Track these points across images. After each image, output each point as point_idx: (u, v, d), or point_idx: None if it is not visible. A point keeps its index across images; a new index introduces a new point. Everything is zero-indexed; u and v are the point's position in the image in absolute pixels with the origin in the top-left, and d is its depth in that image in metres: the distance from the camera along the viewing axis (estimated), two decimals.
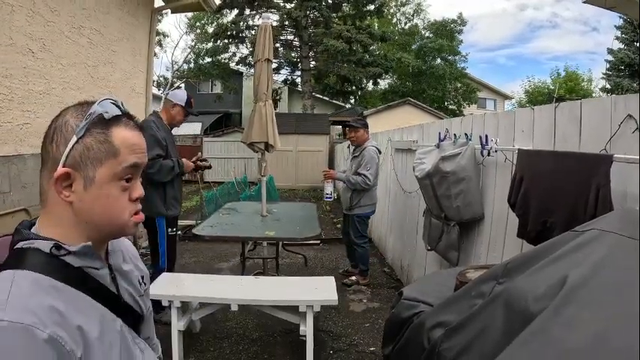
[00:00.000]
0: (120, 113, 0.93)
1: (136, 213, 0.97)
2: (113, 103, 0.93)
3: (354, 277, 5.62)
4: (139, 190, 0.96)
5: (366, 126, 5.53)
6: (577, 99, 2.55)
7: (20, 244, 0.89)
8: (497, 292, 1.32)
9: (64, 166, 0.88)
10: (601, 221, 1.37)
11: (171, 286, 3.66)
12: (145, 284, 1.15)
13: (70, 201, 0.90)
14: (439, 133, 4.00)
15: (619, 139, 1.95)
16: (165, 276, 3.92)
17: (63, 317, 0.79)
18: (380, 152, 5.52)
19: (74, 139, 0.88)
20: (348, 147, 9.93)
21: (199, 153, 4.76)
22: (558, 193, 2.12)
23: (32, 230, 0.93)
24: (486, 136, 3.10)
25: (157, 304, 4.19)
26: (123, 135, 0.92)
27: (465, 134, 3.46)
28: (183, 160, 4.26)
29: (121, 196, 0.93)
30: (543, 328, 1.05)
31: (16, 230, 0.93)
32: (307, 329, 3.43)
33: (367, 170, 5.23)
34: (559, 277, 1.14)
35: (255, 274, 5.07)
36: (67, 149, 0.88)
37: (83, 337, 0.81)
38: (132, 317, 1.02)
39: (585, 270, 1.12)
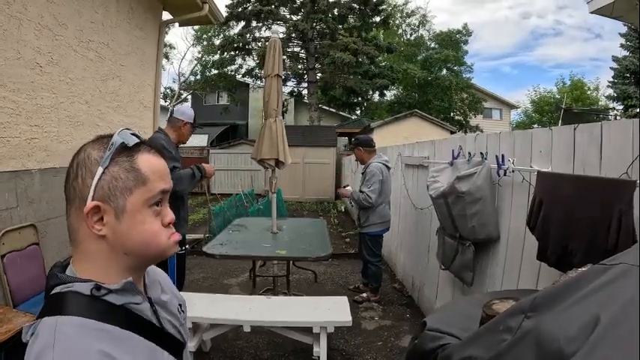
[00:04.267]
0: (139, 141, 0.93)
1: (174, 235, 0.96)
2: (132, 134, 0.92)
3: (365, 294, 5.56)
4: (169, 215, 0.95)
5: (359, 144, 5.54)
6: (584, 109, 2.51)
7: (57, 289, 0.86)
8: (527, 328, 1.28)
9: (93, 200, 0.86)
10: (629, 254, 1.34)
11: None
12: (183, 312, 1.15)
13: (103, 235, 0.88)
14: (452, 151, 3.97)
15: None
16: None
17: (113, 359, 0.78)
18: (389, 168, 5.44)
19: (100, 170, 0.87)
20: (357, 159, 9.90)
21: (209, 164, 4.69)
22: (579, 219, 2.08)
23: (67, 272, 0.90)
24: (503, 155, 3.07)
25: None
26: (149, 162, 0.92)
27: (481, 153, 3.42)
28: (204, 164, 4.20)
29: (155, 221, 0.91)
30: None
31: (51, 275, 0.90)
32: (321, 350, 3.41)
33: (368, 188, 5.19)
34: (590, 317, 1.10)
35: (265, 292, 5.05)
36: (95, 181, 0.87)
37: None
38: (175, 346, 1.01)
39: (617, 309, 1.09)
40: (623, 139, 2.05)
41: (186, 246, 4.45)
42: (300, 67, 23.99)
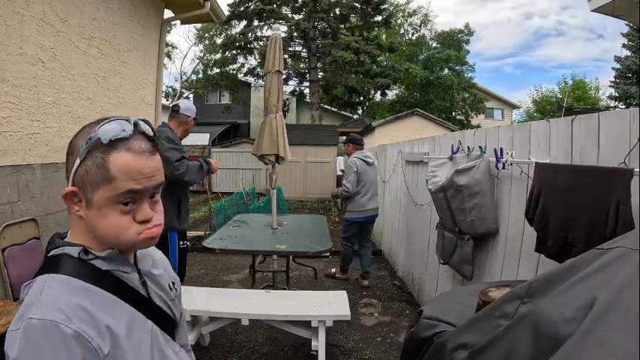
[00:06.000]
0: (127, 135, 0.93)
1: (147, 230, 0.96)
2: (127, 122, 0.94)
3: (333, 270, 6.42)
4: (143, 213, 0.95)
5: (349, 141, 6.27)
6: (586, 108, 2.52)
7: (53, 252, 0.97)
8: (523, 313, 1.28)
9: (72, 185, 0.94)
10: (626, 238, 1.33)
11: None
12: (175, 290, 1.19)
13: (80, 215, 0.95)
14: (452, 146, 3.97)
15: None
16: None
17: (90, 315, 0.85)
18: (368, 163, 6.00)
19: (77, 161, 0.92)
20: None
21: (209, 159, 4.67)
22: (578, 208, 2.08)
23: (66, 238, 1.00)
24: (501, 149, 3.07)
25: None
26: (123, 160, 0.91)
27: (480, 147, 3.42)
28: (209, 159, 4.23)
29: (120, 217, 0.93)
30: (574, 351, 1.02)
31: (50, 240, 1.00)
32: (319, 344, 3.41)
33: (345, 179, 5.94)
34: (587, 299, 1.10)
35: (265, 287, 5.05)
36: (73, 170, 0.93)
37: (111, 336, 0.86)
38: (164, 320, 1.06)
39: (613, 291, 1.09)
40: (621, 130, 2.05)
41: (187, 243, 4.44)
42: (301, 66, 23.99)
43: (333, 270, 6.40)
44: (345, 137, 19.58)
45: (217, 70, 26.27)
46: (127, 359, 0.88)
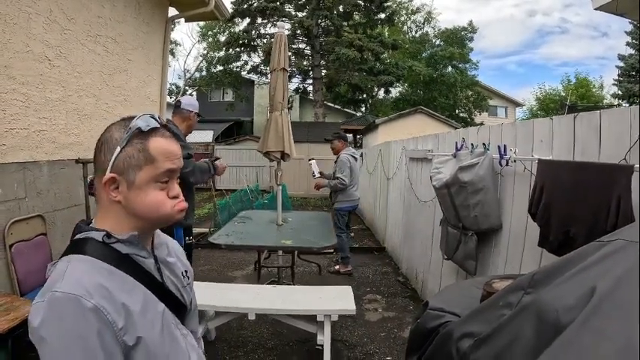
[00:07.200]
0: (157, 125, 1.11)
1: (178, 203, 1.12)
2: (152, 117, 1.11)
3: (336, 267, 6.65)
4: (175, 189, 1.12)
5: (340, 137, 6.93)
6: (589, 106, 2.55)
7: (78, 236, 1.07)
8: (526, 302, 1.32)
9: (111, 172, 1.05)
10: (626, 231, 1.37)
11: None
12: (188, 278, 1.30)
13: (118, 200, 1.07)
14: (455, 143, 4.00)
15: None
16: None
17: (110, 293, 0.96)
18: (356, 159, 6.70)
19: (118, 149, 1.05)
20: (361, 155, 10.06)
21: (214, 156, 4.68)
22: (579, 204, 2.12)
23: (91, 225, 1.10)
24: (505, 145, 3.10)
25: None
26: (159, 144, 1.09)
27: (483, 144, 3.46)
28: (217, 163, 4.24)
29: (159, 193, 1.09)
30: (573, 338, 1.05)
31: (76, 226, 1.11)
32: (325, 339, 3.44)
33: (342, 173, 6.41)
34: (587, 288, 1.14)
35: (270, 283, 5.09)
36: (113, 158, 1.05)
37: (126, 312, 0.97)
38: (175, 305, 1.17)
39: (612, 281, 1.12)
40: (622, 127, 2.08)
41: (192, 239, 4.48)
42: (305, 63, 24.00)
43: (337, 267, 6.66)
44: (351, 135, 19.55)
45: (221, 68, 26.27)
46: (138, 335, 0.98)
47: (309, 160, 7.00)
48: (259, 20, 23.07)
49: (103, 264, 1.01)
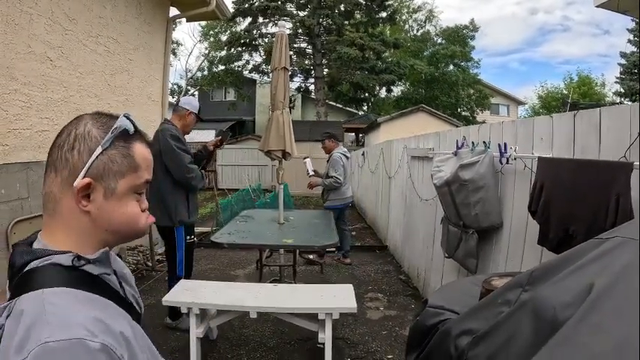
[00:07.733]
0: (137, 130, 0.97)
1: (149, 217, 1.02)
2: (128, 118, 0.95)
3: (311, 256, 6.86)
4: (145, 202, 1.01)
5: (330, 137, 7.21)
6: (591, 104, 2.55)
7: (33, 265, 0.86)
8: (524, 299, 1.32)
9: (85, 176, 0.88)
10: (624, 228, 1.37)
11: (189, 293, 3.68)
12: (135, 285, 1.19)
13: (88, 210, 0.90)
14: (456, 141, 4.00)
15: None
16: (183, 283, 3.95)
17: (106, 325, 0.79)
18: (347, 157, 6.96)
19: (99, 149, 0.89)
20: (363, 154, 10.08)
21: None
22: (579, 201, 2.12)
23: (36, 244, 0.91)
24: (505, 144, 3.11)
25: (172, 311, 4.24)
26: (142, 151, 0.97)
27: (484, 142, 3.46)
28: (204, 145, 4.47)
29: (136, 205, 0.97)
30: (570, 334, 1.05)
31: (19, 252, 0.89)
32: (326, 337, 3.44)
33: (335, 172, 6.60)
34: (585, 285, 1.14)
35: (272, 282, 5.10)
36: (91, 159, 0.89)
37: (126, 342, 0.82)
38: (137, 318, 1.01)
39: (610, 277, 1.13)
40: (622, 124, 2.09)
41: (194, 238, 4.51)
42: (307, 62, 24.03)
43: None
44: (353, 134, 19.57)
45: (222, 67, 26.31)
46: None
47: (304, 158, 7.24)
48: (260, 19, 23.15)
49: (83, 293, 0.84)
